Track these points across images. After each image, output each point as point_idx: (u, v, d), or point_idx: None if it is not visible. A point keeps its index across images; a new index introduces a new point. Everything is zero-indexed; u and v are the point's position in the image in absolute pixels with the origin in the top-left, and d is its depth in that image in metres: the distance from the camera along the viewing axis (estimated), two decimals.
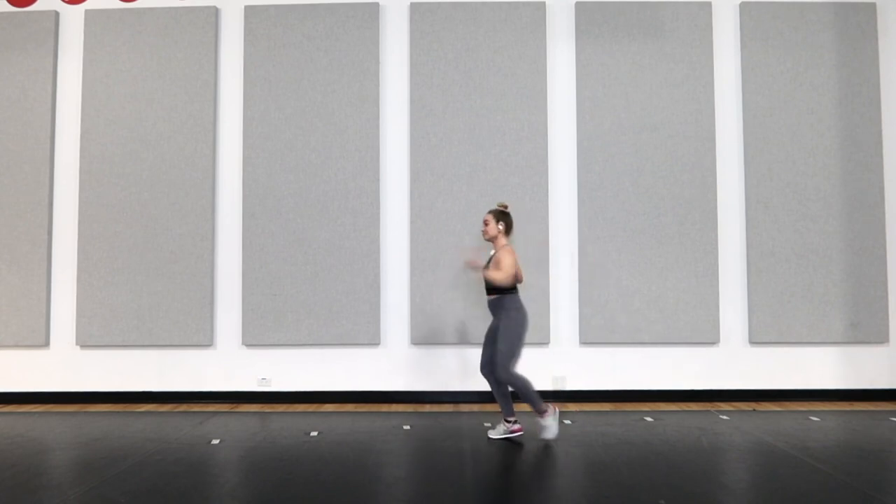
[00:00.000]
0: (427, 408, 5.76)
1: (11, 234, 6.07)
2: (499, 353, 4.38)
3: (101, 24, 6.20)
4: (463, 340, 5.92)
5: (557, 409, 4.49)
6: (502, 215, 4.55)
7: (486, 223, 4.55)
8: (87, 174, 6.09)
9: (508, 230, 4.57)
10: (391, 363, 6.03)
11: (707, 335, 5.95)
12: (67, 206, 6.14)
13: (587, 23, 6.12)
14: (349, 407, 5.83)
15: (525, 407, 4.59)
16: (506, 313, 4.44)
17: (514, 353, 4.41)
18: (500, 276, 4.36)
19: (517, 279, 4.53)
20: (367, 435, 4.73)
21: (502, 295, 4.46)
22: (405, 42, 6.18)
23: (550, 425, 4.38)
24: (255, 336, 6.00)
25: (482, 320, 5.88)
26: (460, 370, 5.96)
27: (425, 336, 5.97)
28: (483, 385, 5.94)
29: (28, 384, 6.06)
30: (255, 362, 6.05)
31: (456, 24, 6.10)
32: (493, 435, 4.56)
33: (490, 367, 4.51)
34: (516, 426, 4.57)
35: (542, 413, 4.38)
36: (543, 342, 5.96)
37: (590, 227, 6.01)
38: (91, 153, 6.11)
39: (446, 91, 6.08)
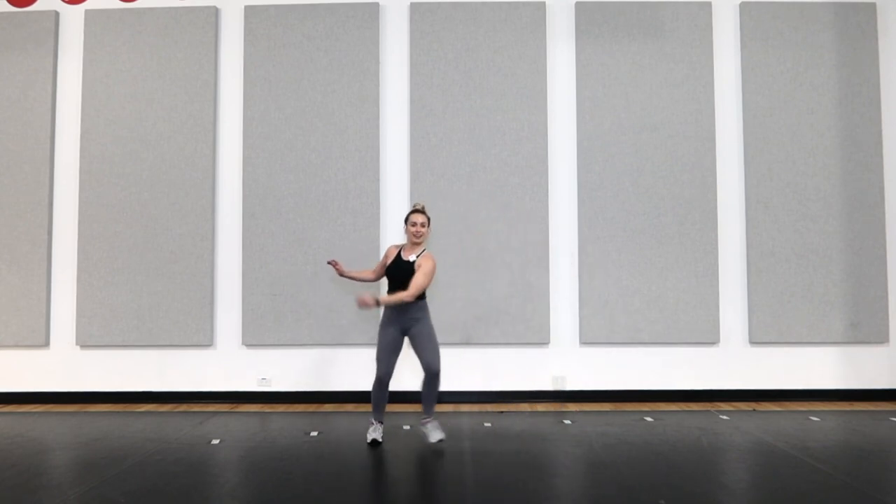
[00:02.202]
0: None
1: (11, 234, 6.07)
2: (436, 349, 4.33)
3: (101, 24, 6.20)
4: (463, 340, 5.91)
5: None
6: (427, 218, 4.44)
7: (423, 225, 4.36)
8: (87, 174, 6.10)
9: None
10: None
11: (707, 335, 5.95)
12: (67, 206, 6.14)
13: (587, 23, 6.12)
14: (349, 407, 5.83)
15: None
16: (426, 314, 4.37)
17: None
18: (426, 282, 4.25)
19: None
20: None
21: (424, 300, 4.37)
22: (405, 42, 6.18)
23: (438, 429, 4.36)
24: (255, 336, 6.00)
25: (481, 321, 5.90)
26: (460, 370, 5.95)
27: None
28: (484, 385, 5.98)
29: (28, 384, 6.06)
30: (255, 362, 6.05)
31: (456, 24, 6.10)
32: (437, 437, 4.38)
33: (438, 363, 4.36)
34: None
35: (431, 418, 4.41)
36: (543, 342, 5.96)
37: (590, 227, 6.01)
38: (91, 153, 6.11)
39: (446, 91, 6.08)
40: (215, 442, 4.54)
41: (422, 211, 4.41)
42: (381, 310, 4.49)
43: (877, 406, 5.73)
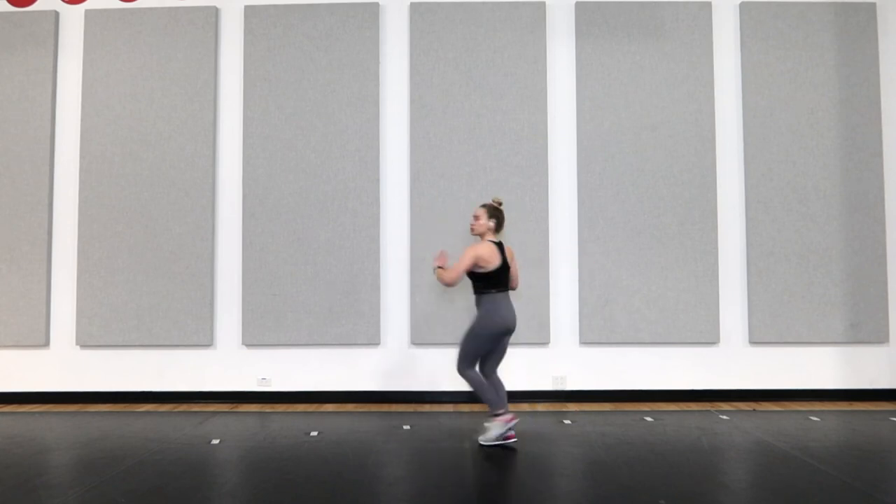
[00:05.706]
0: (427, 408, 5.76)
1: (11, 234, 6.07)
2: (460, 350, 4.32)
3: (101, 24, 6.20)
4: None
5: (512, 421, 4.31)
6: (495, 211, 4.39)
7: (477, 217, 4.37)
8: (87, 174, 6.09)
9: (499, 228, 4.40)
10: (391, 363, 6.03)
11: (707, 335, 5.94)
12: (67, 206, 6.14)
13: (587, 23, 6.12)
14: (349, 407, 5.83)
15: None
16: (480, 311, 4.34)
17: (467, 353, 4.31)
18: (446, 276, 4.25)
19: (506, 285, 4.37)
20: (367, 435, 4.73)
21: (480, 294, 4.35)
22: (405, 42, 6.18)
23: (492, 429, 4.28)
24: (255, 336, 6.00)
25: None
26: None
27: (425, 336, 5.97)
28: None
29: (28, 384, 6.06)
30: (255, 362, 6.05)
31: (456, 24, 6.10)
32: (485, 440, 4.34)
33: (457, 364, 4.37)
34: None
35: (495, 416, 4.29)
36: (543, 342, 5.96)
37: (590, 227, 6.01)
38: (91, 153, 6.11)
39: (446, 91, 6.08)
40: (215, 442, 4.54)
41: (485, 205, 4.40)
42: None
43: (877, 406, 5.72)
